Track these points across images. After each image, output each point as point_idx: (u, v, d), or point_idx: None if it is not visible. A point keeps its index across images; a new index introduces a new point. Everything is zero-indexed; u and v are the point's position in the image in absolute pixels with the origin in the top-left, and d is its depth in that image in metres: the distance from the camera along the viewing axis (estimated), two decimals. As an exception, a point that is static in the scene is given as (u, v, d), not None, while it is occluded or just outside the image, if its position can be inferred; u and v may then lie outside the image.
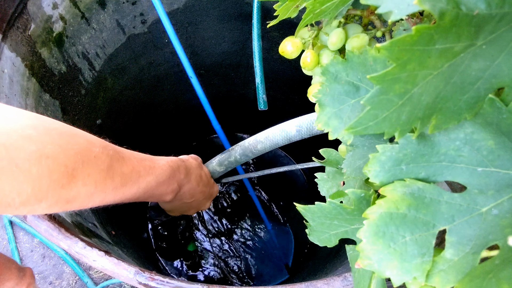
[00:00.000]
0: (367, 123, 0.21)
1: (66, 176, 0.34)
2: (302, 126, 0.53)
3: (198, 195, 0.65)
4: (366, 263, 0.23)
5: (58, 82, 0.71)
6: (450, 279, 0.22)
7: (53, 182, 0.33)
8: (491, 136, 0.22)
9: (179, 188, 0.59)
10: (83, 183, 0.37)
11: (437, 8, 0.17)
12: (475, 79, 0.20)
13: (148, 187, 0.49)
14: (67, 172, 0.35)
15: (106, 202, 0.43)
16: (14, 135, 0.31)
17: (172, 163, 0.56)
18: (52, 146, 0.34)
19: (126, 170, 0.44)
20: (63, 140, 0.35)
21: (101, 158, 0.40)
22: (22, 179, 0.31)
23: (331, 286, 0.40)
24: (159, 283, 0.41)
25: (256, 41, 0.74)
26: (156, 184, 0.51)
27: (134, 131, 1.05)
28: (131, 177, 0.45)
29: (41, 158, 0.32)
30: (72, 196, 0.36)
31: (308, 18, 0.29)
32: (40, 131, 0.34)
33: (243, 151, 0.64)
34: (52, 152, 0.33)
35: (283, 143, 0.57)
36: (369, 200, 0.27)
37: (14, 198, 0.31)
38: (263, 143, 0.59)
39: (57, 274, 1.19)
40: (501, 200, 0.22)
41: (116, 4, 0.78)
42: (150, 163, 0.50)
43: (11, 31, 0.59)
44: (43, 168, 0.32)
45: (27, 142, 0.31)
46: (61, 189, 0.34)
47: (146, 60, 0.94)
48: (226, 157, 0.68)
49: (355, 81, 0.28)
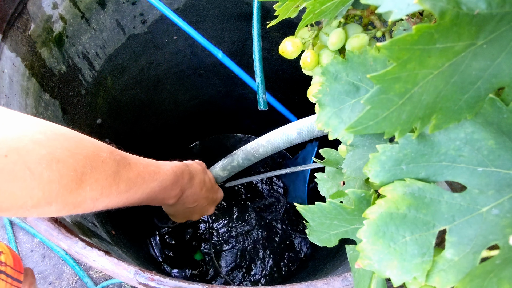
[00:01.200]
0: (367, 123, 0.21)
1: (75, 181, 0.35)
2: (302, 129, 0.53)
3: (201, 200, 0.65)
4: (366, 263, 0.23)
5: (58, 82, 0.71)
6: (450, 279, 0.22)
7: (62, 188, 0.34)
8: (492, 136, 0.22)
9: (181, 193, 0.59)
10: (91, 188, 0.37)
11: (438, 7, 0.17)
12: (475, 78, 0.20)
13: (151, 192, 0.49)
14: (77, 176, 0.35)
15: (109, 206, 0.43)
16: (25, 140, 0.31)
17: (176, 169, 0.56)
18: (62, 150, 0.34)
19: (131, 176, 0.44)
20: (72, 145, 0.36)
21: (109, 163, 0.40)
22: (34, 184, 0.31)
23: (331, 286, 0.40)
24: (159, 283, 0.41)
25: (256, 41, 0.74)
26: (159, 189, 0.51)
27: (134, 131, 1.05)
28: (136, 183, 0.45)
29: (52, 162, 0.32)
30: (79, 201, 0.36)
31: (308, 18, 0.29)
32: (49, 136, 0.34)
33: (245, 155, 0.65)
34: (62, 156, 0.34)
35: (285, 146, 0.58)
36: (369, 200, 0.27)
37: (27, 201, 0.31)
38: (264, 146, 0.59)
39: (57, 274, 1.19)
40: (502, 200, 0.22)
41: (116, 4, 0.78)
42: (155, 169, 0.50)
43: (11, 31, 0.59)
44: (54, 172, 0.32)
45: (37, 147, 0.32)
46: (69, 194, 0.35)
47: (146, 60, 0.94)
48: (229, 162, 0.69)
49: (355, 81, 0.28)
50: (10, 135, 0.31)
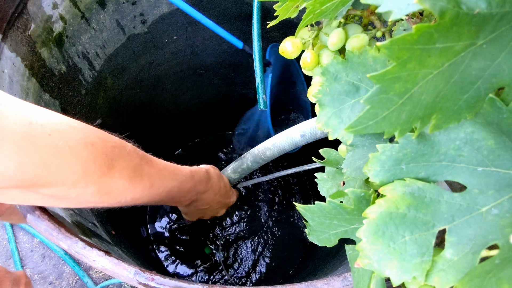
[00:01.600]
0: (367, 122, 0.21)
1: (107, 165, 0.38)
2: (305, 131, 0.55)
3: (213, 204, 0.68)
4: (365, 262, 0.23)
5: (58, 82, 0.71)
6: (449, 278, 0.22)
7: (98, 167, 0.37)
8: (492, 135, 0.22)
9: (196, 197, 0.62)
10: (120, 175, 0.40)
11: (438, 7, 0.17)
12: (475, 78, 0.20)
13: (171, 191, 0.52)
14: (108, 160, 0.38)
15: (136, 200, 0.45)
16: (64, 124, 0.36)
17: (195, 173, 0.59)
18: (94, 137, 0.38)
19: (153, 172, 0.47)
20: (101, 134, 0.40)
21: (133, 155, 0.43)
22: (75, 160, 0.35)
23: (331, 286, 0.40)
24: (159, 283, 0.41)
25: (256, 41, 0.74)
26: (178, 190, 0.54)
27: (134, 130, 1.05)
28: (157, 179, 0.48)
29: (88, 145, 0.36)
30: (110, 187, 0.40)
31: (308, 18, 0.29)
32: (81, 124, 0.38)
33: (253, 158, 0.67)
34: (95, 141, 0.38)
35: (290, 148, 0.60)
36: (369, 200, 0.27)
37: (68, 177, 0.35)
38: (271, 149, 0.62)
39: (57, 274, 1.19)
40: (501, 200, 0.22)
41: (116, 4, 0.78)
42: (174, 169, 0.53)
43: (11, 31, 0.59)
44: (89, 153, 0.36)
45: (74, 130, 0.36)
46: (103, 176, 0.38)
47: (146, 60, 0.94)
48: (239, 165, 0.71)
49: (355, 81, 0.28)
50: (52, 119, 0.35)
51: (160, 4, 0.85)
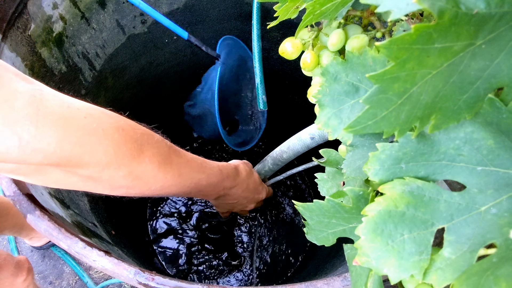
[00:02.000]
0: (366, 122, 0.21)
1: (137, 149, 0.41)
2: (315, 134, 0.56)
3: (241, 200, 0.70)
4: (364, 260, 0.23)
5: (58, 82, 0.71)
6: (447, 276, 0.22)
7: (128, 151, 0.39)
8: (491, 135, 0.22)
9: (224, 192, 0.63)
10: (150, 160, 0.42)
11: (436, 6, 0.17)
12: (474, 78, 0.20)
13: (199, 184, 0.53)
14: (137, 145, 0.41)
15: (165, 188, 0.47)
16: (96, 110, 0.38)
17: (223, 168, 0.60)
18: (124, 123, 0.41)
19: (181, 162, 0.48)
20: (131, 122, 0.42)
21: (162, 144, 0.45)
22: (108, 142, 0.37)
23: (331, 286, 0.40)
24: (159, 283, 0.41)
25: (256, 41, 0.75)
26: (206, 183, 0.55)
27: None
28: (185, 169, 0.49)
29: (119, 129, 0.39)
30: (140, 172, 0.42)
31: (308, 19, 0.29)
32: (112, 112, 0.41)
33: (273, 161, 0.71)
34: (125, 126, 0.40)
35: (303, 151, 0.62)
36: (368, 199, 0.27)
37: (102, 157, 0.37)
38: (287, 152, 0.65)
39: (57, 274, 1.19)
40: (500, 199, 0.22)
41: (116, 4, 0.78)
42: (202, 162, 0.54)
43: (11, 31, 0.59)
44: (121, 136, 0.39)
45: (106, 116, 0.39)
46: (133, 160, 0.40)
47: (146, 60, 0.95)
48: (261, 167, 0.76)
49: (355, 82, 0.28)
50: (86, 105, 0.38)
51: (160, 4, 0.85)
